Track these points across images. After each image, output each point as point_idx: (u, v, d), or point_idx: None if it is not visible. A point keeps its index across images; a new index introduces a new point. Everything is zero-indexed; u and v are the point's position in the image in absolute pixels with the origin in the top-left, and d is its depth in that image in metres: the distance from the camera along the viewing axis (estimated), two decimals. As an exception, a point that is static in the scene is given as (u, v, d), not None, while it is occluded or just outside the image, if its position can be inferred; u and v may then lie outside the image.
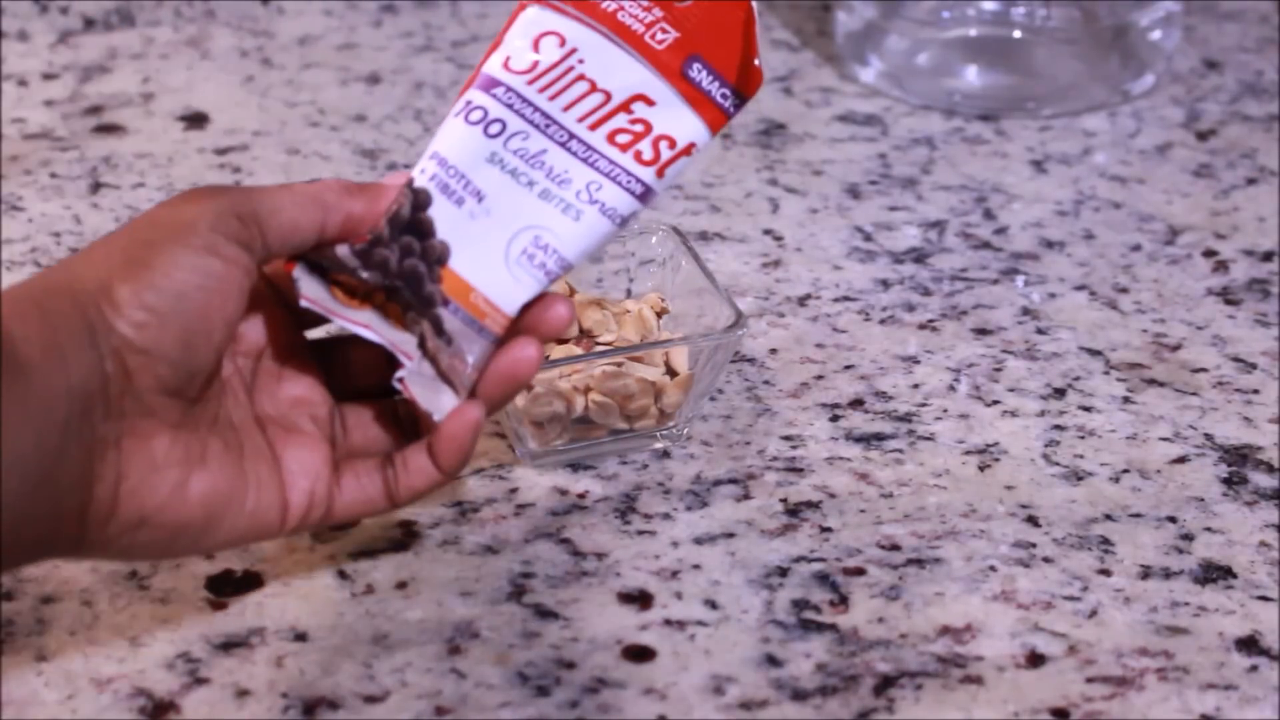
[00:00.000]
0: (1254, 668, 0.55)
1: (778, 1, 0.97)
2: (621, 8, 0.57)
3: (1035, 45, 0.89)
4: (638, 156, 0.57)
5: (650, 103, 0.57)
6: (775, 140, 0.84)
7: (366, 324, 0.55)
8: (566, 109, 0.56)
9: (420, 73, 0.90)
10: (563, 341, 0.64)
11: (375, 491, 0.56)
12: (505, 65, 0.56)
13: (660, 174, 0.57)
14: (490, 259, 0.56)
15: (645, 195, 0.57)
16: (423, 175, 0.56)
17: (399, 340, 0.55)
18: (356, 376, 0.57)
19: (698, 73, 0.57)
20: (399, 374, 0.55)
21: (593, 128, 0.57)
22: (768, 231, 0.78)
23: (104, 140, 0.84)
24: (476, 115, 0.56)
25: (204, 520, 0.52)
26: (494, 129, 0.56)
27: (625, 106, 0.57)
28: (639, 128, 0.57)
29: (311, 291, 0.55)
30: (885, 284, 0.74)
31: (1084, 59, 0.88)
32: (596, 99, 0.57)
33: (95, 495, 0.50)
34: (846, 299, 0.73)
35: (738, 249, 0.76)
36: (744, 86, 0.58)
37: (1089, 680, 0.55)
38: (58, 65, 0.91)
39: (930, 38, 0.89)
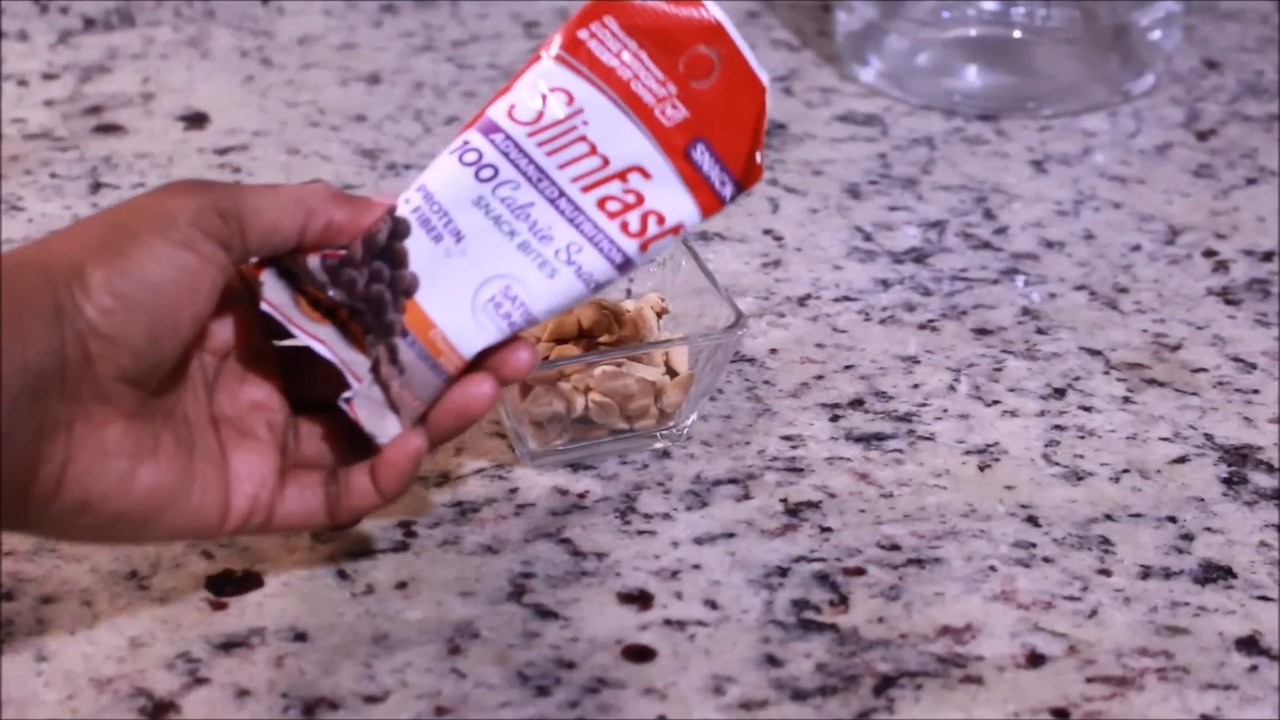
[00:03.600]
0: (1254, 668, 0.55)
1: (778, 1, 0.97)
2: (636, 77, 0.56)
3: (1035, 45, 0.89)
4: (624, 227, 0.56)
5: (647, 175, 0.56)
6: (775, 140, 0.84)
7: (323, 339, 0.55)
8: (562, 167, 0.56)
9: (420, 73, 0.90)
10: (563, 341, 0.64)
11: (317, 505, 0.56)
12: (509, 114, 0.56)
13: (644, 248, 0.56)
14: (457, 300, 0.56)
15: (624, 266, 0.57)
16: (406, 205, 0.56)
17: (351, 360, 0.55)
18: (316, 388, 0.57)
19: (700, 155, 0.57)
20: (346, 394, 0.55)
21: (585, 190, 0.56)
22: (768, 231, 0.78)
23: (104, 140, 0.84)
24: (471, 157, 0.56)
25: (146, 512, 0.52)
26: (485, 174, 0.56)
27: (621, 175, 0.56)
28: (631, 198, 0.56)
29: (275, 297, 0.55)
30: (885, 284, 0.74)
31: (1084, 59, 0.88)
32: (594, 162, 0.56)
33: (40, 475, 0.50)
34: (846, 299, 0.73)
35: (738, 249, 0.76)
36: (744, 177, 0.57)
37: (1089, 680, 0.55)
38: (58, 65, 0.91)
39: (930, 38, 0.89)
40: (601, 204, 0.56)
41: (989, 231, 0.78)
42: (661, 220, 0.56)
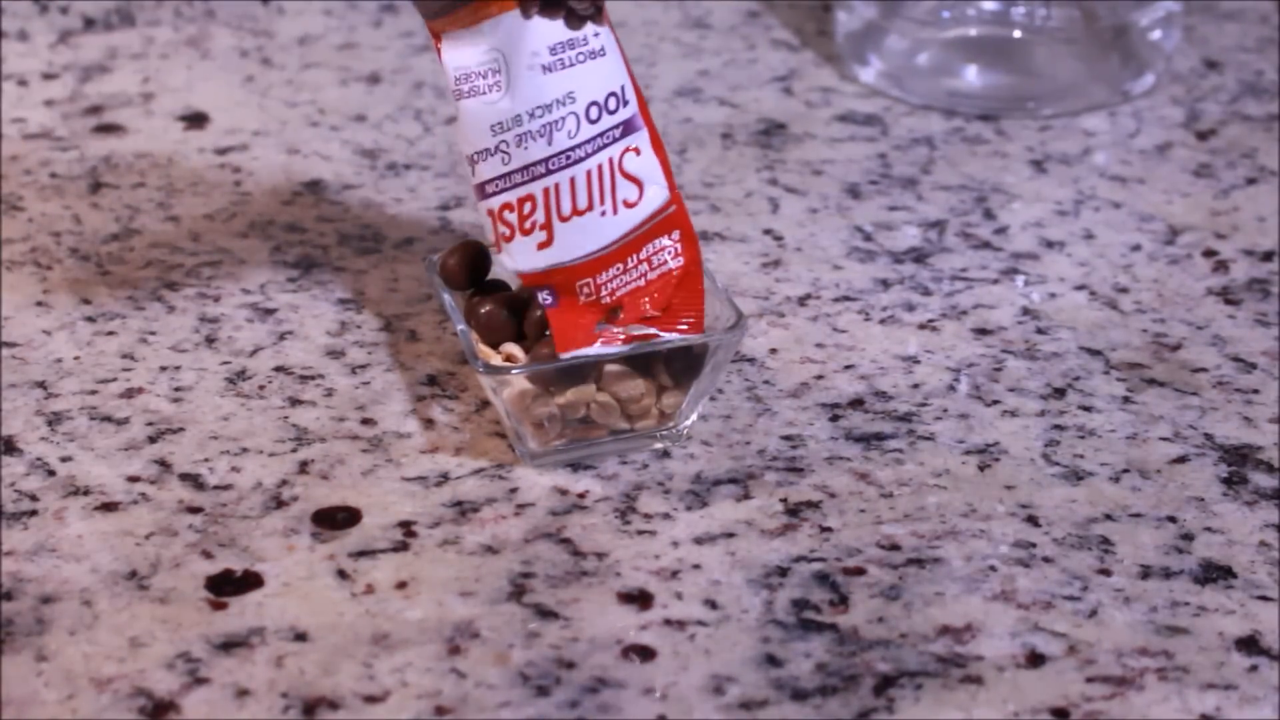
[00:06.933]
0: (1254, 668, 0.55)
1: (778, 1, 0.97)
2: None
3: (1035, 45, 0.89)
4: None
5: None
6: (775, 140, 0.85)
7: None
8: None
9: (420, 73, 0.90)
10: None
11: None
12: None
13: None
14: None
15: None
16: None
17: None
18: None
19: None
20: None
21: None
22: (768, 231, 0.78)
23: (104, 140, 0.84)
24: None
25: None
26: None
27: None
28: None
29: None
30: (885, 284, 0.74)
31: (1084, 59, 0.88)
32: None
33: None
34: (846, 299, 0.73)
35: (738, 249, 0.76)
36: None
37: (1089, 680, 0.55)
38: (58, 65, 0.91)
39: (930, 38, 0.89)
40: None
41: (989, 231, 0.78)
42: None
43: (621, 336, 0.62)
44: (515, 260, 0.62)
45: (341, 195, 0.80)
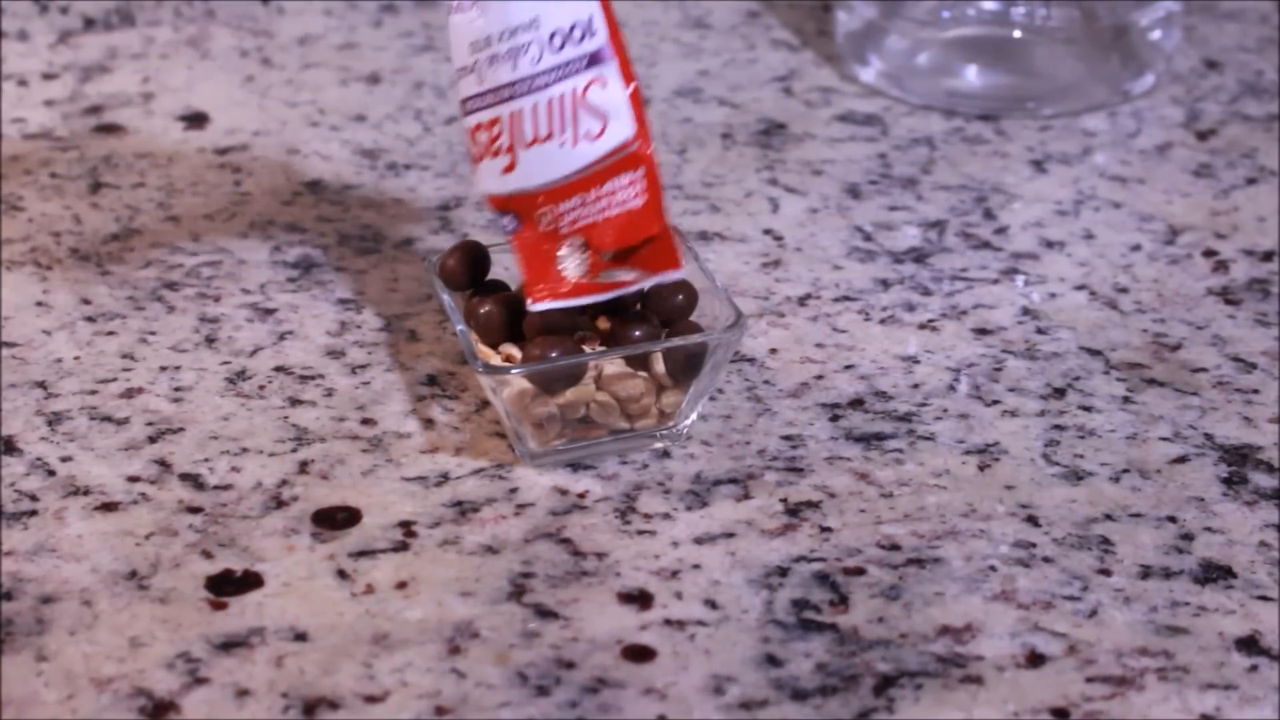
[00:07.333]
0: (1254, 668, 0.55)
1: (778, 1, 0.97)
2: None
3: (1035, 45, 0.89)
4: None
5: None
6: (775, 140, 0.85)
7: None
8: None
9: (420, 73, 0.90)
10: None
11: None
12: None
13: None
14: None
15: None
16: None
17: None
18: None
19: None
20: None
21: None
22: (768, 231, 0.78)
23: (104, 140, 0.84)
24: None
25: None
26: None
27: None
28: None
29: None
30: (885, 284, 0.74)
31: (1084, 59, 0.88)
32: None
33: None
34: (846, 299, 0.73)
35: (738, 249, 0.76)
36: None
37: (1089, 680, 0.55)
38: (58, 65, 0.91)
39: (930, 38, 0.89)
40: None
41: (989, 231, 0.78)
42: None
43: (601, 283, 0.62)
44: (484, 182, 0.63)
45: (341, 195, 0.80)
